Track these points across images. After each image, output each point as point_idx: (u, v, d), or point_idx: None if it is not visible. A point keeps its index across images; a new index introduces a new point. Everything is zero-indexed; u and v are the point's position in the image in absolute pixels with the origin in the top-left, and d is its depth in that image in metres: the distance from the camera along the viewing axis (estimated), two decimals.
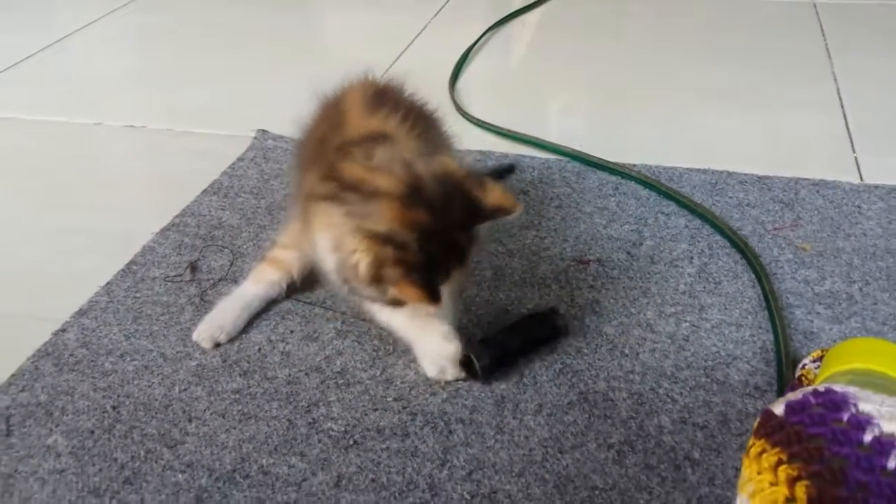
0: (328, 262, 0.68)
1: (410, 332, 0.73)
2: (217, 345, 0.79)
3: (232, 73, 1.44)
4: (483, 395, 0.72)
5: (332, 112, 0.78)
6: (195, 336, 0.80)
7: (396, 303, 0.67)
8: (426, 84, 0.84)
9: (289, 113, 1.29)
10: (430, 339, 0.72)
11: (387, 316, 0.73)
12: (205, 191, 1.04)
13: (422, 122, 0.76)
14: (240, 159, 1.12)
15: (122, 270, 0.90)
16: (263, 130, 1.18)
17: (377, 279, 0.63)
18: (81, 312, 0.84)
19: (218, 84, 1.39)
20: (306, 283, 0.87)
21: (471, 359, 0.72)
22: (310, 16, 1.74)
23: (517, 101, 1.30)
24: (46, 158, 1.18)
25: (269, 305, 0.84)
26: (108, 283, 0.88)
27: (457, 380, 0.73)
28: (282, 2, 1.78)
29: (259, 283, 0.83)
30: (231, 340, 0.79)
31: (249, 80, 1.40)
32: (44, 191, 1.09)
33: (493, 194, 0.65)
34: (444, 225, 0.64)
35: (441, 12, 1.65)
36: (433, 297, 0.63)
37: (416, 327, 0.73)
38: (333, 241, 0.66)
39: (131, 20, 1.71)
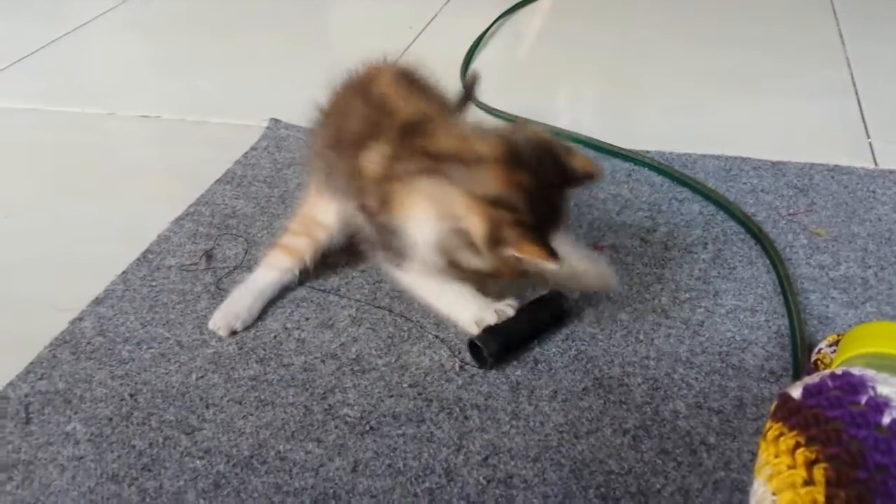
0: (425, 235, 0.67)
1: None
2: (233, 332, 0.79)
3: (244, 62, 1.44)
4: (498, 381, 0.72)
5: (365, 94, 0.77)
6: (211, 325, 0.80)
7: (499, 272, 0.68)
8: (438, 71, 0.84)
9: (301, 102, 1.29)
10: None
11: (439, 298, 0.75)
12: (218, 180, 1.05)
13: (450, 104, 0.80)
14: (253, 148, 1.12)
15: (138, 259, 0.91)
16: (276, 120, 1.18)
17: (495, 241, 0.64)
18: (98, 301, 0.85)
19: (230, 73, 1.39)
20: (320, 270, 0.87)
21: (478, 346, 0.73)
22: (322, 4, 1.74)
23: (529, 88, 1.30)
24: (61, 148, 1.18)
25: (283, 293, 0.84)
26: (123, 272, 0.89)
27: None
28: None
29: (272, 269, 0.84)
30: (247, 328, 0.80)
31: (262, 70, 1.40)
32: (58, 180, 1.10)
33: (580, 160, 0.68)
34: (544, 187, 0.65)
35: (451, 0, 1.64)
36: (552, 254, 0.64)
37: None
38: (437, 212, 0.66)
39: (145, 10, 1.71)
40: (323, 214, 0.83)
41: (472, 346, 0.74)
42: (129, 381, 0.74)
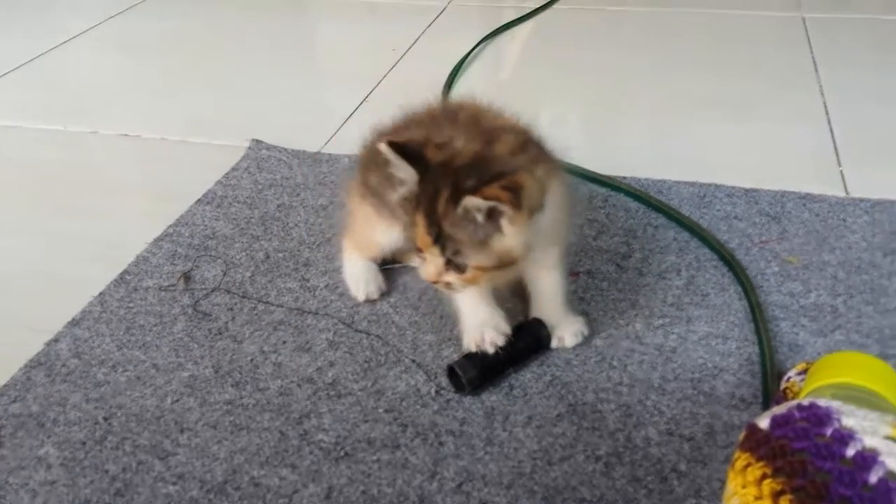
0: None
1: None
2: (382, 294, 0.87)
3: (226, 82, 1.44)
4: (473, 406, 0.73)
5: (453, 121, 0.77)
6: (363, 296, 0.86)
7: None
8: (420, 94, 0.85)
9: (283, 123, 1.29)
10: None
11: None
12: (198, 200, 1.05)
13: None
14: (234, 169, 1.12)
15: (116, 280, 0.90)
16: (257, 140, 1.19)
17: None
18: (74, 322, 0.84)
19: (212, 93, 1.40)
20: (299, 293, 0.87)
21: (457, 372, 0.73)
22: (306, 26, 1.75)
23: (510, 112, 1.31)
24: (40, 166, 1.18)
25: (261, 315, 0.84)
26: (101, 293, 0.88)
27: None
28: (278, 12, 1.79)
29: (353, 256, 0.89)
30: (223, 351, 0.80)
31: (244, 90, 1.41)
32: (37, 198, 1.10)
33: (494, 185, 0.64)
34: (440, 172, 0.67)
35: (434, 23, 1.66)
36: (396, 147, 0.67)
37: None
38: None
39: (127, 28, 1.71)
40: (381, 236, 0.84)
41: (451, 371, 0.75)
42: (103, 405, 0.74)
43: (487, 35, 1.55)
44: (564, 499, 0.64)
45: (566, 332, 0.78)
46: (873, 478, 0.48)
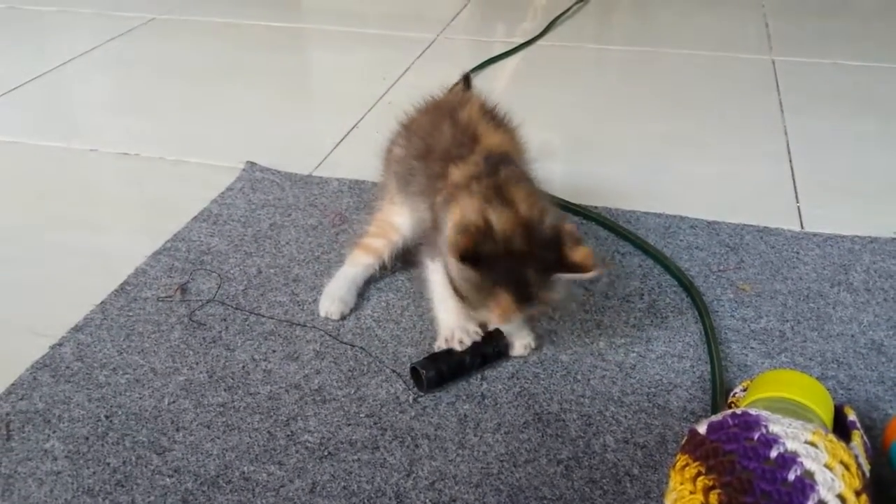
0: (444, 234, 0.81)
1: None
2: (343, 317, 0.91)
3: (224, 105, 1.51)
4: (448, 413, 0.79)
5: (453, 117, 0.91)
6: (323, 313, 0.92)
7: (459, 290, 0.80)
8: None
9: (277, 147, 1.36)
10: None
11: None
12: (195, 218, 1.11)
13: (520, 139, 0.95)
14: (229, 189, 1.19)
15: (116, 290, 0.96)
16: (252, 162, 1.25)
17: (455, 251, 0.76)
18: (77, 328, 0.90)
19: (209, 116, 1.47)
20: (289, 306, 0.94)
21: (418, 372, 0.80)
22: (300, 54, 1.82)
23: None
24: (44, 182, 1.24)
25: (252, 326, 0.91)
26: (102, 302, 0.94)
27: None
28: (273, 40, 1.87)
29: (355, 265, 0.96)
30: (217, 358, 0.86)
31: (240, 114, 1.48)
32: (41, 213, 1.16)
33: (579, 253, 0.78)
34: (515, 259, 0.77)
35: (424, 54, 1.74)
36: (471, 260, 0.75)
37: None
38: (456, 220, 0.79)
39: (127, 50, 1.78)
40: (397, 217, 0.95)
41: (414, 371, 0.82)
42: (104, 404, 0.80)
43: (474, 67, 1.64)
44: (527, 497, 0.70)
45: (517, 342, 0.87)
46: (791, 475, 0.55)
